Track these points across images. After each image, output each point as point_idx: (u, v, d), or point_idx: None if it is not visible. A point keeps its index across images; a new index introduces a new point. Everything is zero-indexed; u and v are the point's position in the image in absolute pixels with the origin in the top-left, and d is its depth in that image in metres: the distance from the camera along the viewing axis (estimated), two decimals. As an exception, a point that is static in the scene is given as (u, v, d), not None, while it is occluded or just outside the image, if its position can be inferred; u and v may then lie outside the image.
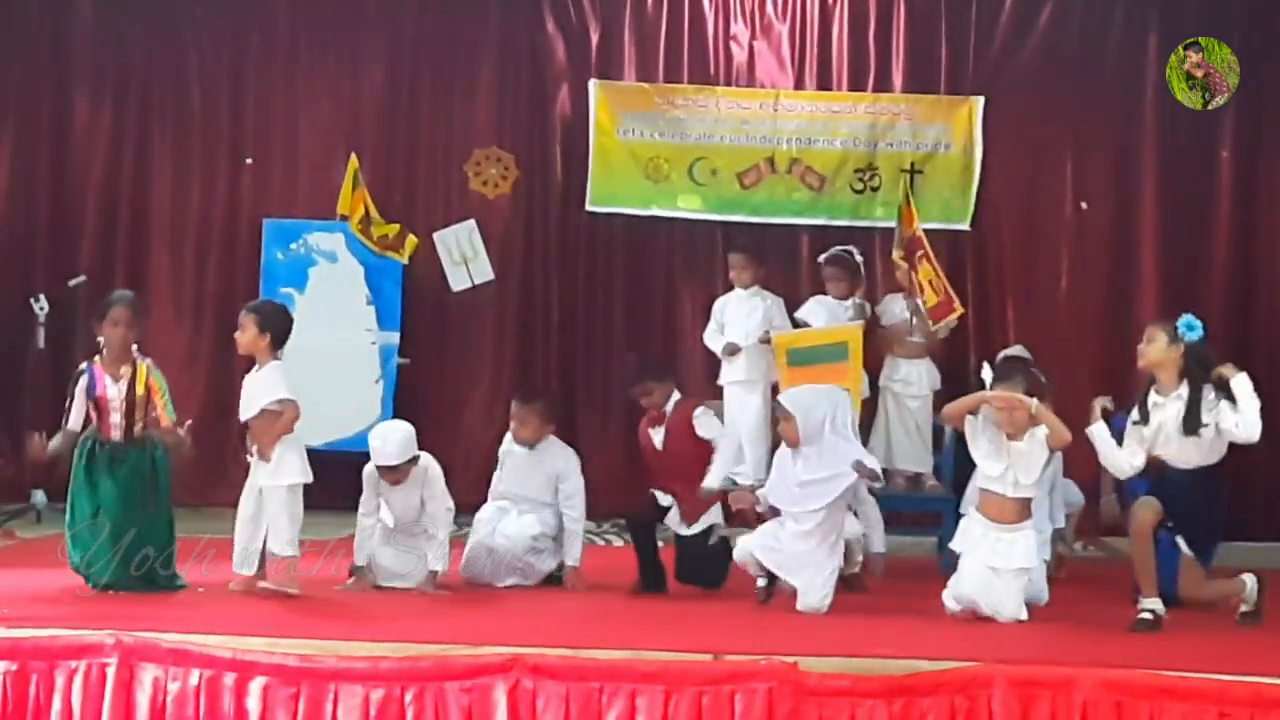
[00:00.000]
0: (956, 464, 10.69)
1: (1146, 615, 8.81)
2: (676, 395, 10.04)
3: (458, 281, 13.42)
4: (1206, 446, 9.08)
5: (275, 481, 9.33)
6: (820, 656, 7.51)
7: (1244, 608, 9.06)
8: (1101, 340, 13.10)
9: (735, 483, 11.61)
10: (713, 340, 12.14)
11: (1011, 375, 9.23)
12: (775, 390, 11.47)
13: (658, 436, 9.94)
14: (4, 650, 7.57)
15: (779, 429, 9.72)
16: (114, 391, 9.41)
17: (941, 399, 11.18)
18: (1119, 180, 13.44)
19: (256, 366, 9.52)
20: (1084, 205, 13.42)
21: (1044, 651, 7.94)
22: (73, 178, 13.81)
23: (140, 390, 9.43)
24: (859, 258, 12.13)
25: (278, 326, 9.50)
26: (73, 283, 12.90)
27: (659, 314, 13.61)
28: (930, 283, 11.47)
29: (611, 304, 13.55)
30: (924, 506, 11.65)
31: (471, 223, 13.48)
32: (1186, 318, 9.11)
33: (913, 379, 11.82)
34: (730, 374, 11.70)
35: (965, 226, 13.10)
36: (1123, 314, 12.98)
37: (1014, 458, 8.94)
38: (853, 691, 7.18)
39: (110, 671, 7.42)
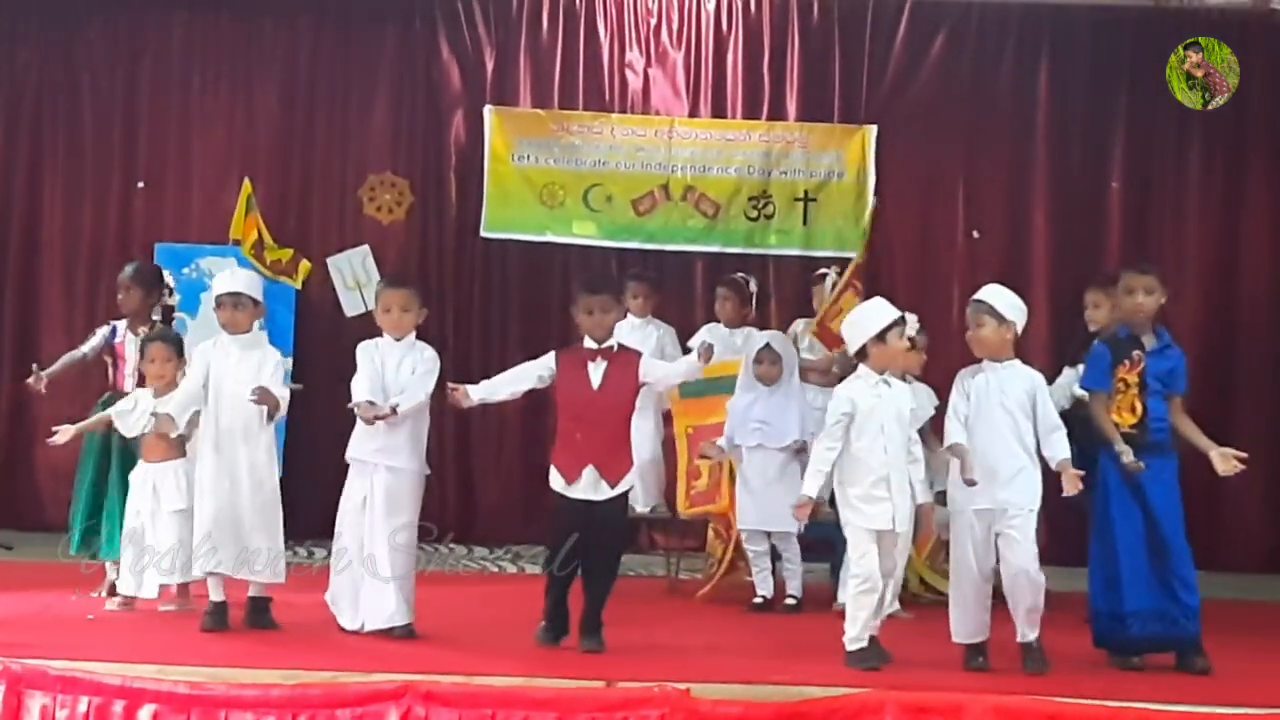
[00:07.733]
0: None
1: None
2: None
3: (351, 307, 13.39)
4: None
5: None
6: (712, 683, 7.54)
7: None
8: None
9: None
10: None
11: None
12: (666, 418, 11.51)
13: (596, 373, 8.88)
14: (-113, 679, 7.48)
15: (760, 370, 10.61)
16: (130, 343, 10.33)
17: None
18: (1010, 210, 13.59)
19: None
20: (976, 234, 13.56)
21: (935, 678, 7.99)
22: (-38, 201, 13.69)
23: None
24: (753, 286, 12.14)
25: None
26: (-39, 306, 12.84)
27: (554, 341, 13.33)
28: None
29: (507, 330, 13.53)
30: (816, 534, 11.63)
31: (365, 248, 13.46)
32: None
33: (818, 405, 11.83)
34: (621, 403, 11.62)
35: (857, 255, 13.13)
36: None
37: None
38: (744, 718, 7.18)
39: (-4, 699, 7.35)
